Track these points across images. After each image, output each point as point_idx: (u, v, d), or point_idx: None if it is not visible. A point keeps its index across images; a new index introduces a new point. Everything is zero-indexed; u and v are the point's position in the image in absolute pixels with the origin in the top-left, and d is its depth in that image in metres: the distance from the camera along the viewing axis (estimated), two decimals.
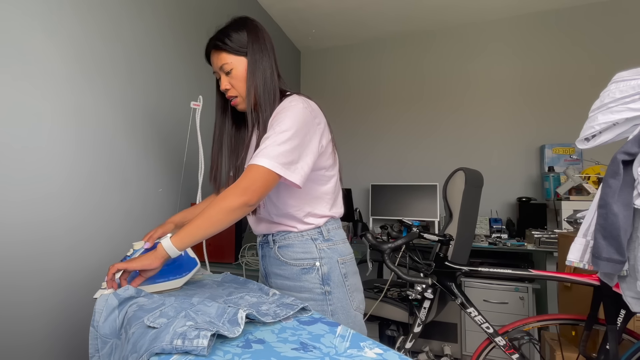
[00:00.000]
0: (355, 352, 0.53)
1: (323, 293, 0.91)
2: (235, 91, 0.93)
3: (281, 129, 0.81)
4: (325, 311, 0.91)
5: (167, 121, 1.66)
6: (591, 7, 2.55)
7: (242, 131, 1.03)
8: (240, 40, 0.91)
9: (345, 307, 0.93)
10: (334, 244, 0.95)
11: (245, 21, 0.94)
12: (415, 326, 1.41)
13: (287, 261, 0.94)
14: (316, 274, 0.92)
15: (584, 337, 1.23)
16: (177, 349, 0.53)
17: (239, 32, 0.91)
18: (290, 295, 0.88)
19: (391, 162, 3.01)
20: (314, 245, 0.93)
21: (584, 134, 0.92)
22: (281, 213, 0.94)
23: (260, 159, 0.78)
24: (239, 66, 0.91)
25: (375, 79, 3.14)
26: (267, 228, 0.98)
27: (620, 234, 0.79)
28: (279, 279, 0.97)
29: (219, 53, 0.91)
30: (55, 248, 1.15)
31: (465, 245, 1.70)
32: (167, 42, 1.67)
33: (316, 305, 0.91)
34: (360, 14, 2.74)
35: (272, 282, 0.99)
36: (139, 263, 0.77)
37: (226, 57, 0.91)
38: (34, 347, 1.08)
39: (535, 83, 2.66)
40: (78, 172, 1.22)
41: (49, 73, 1.13)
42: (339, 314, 0.92)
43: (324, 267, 0.92)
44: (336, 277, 0.93)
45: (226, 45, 0.90)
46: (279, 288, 0.96)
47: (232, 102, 0.95)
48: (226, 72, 0.92)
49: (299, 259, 0.93)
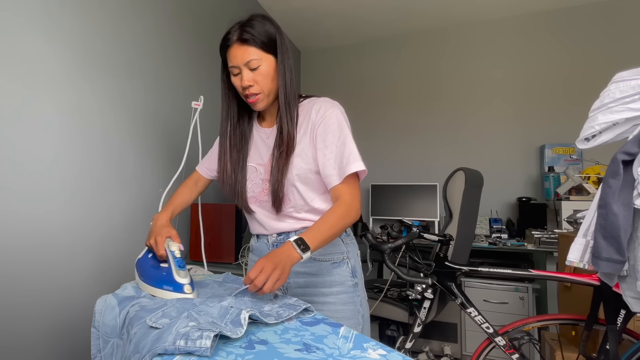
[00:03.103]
0: (359, 353, 0.54)
1: (354, 285, 0.96)
2: (258, 88, 0.89)
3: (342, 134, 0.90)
4: (356, 302, 0.95)
5: (168, 121, 1.66)
6: (591, 7, 2.56)
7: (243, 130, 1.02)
8: (270, 38, 0.89)
9: (365, 298, 1.00)
10: (353, 239, 1.02)
11: (270, 20, 0.91)
12: (415, 326, 1.42)
13: (315, 257, 0.94)
14: (346, 267, 0.96)
15: (584, 337, 1.24)
16: (179, 350, 0.53)
17: (268, 30, 0.89)
18: (318, 291, 0.94)
19: (391, 162, 3.01)
20: (340, 239, 0.97)
21: (584, 134, 0.92)
22: (308, 208, 0.95)
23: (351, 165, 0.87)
24: (266, 63, 0.89)
25: (375, 79, 3.14)
26: (290, 225, 0.97)
27: (620, 234, 0.80)
28: (302, 276, 0.96)
29: (247, 47, 0.87)
30: (56, 248, 1.15)
31: (465, 245, 1.70)
32: (166, 41, 1.67)
33: (348, 297, 0.94)
34: (360, 14, 2.74)
35: (292, 282, 0.97)
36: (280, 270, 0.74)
37: (256, 53, 0.87)
38: (35, 347, 1.08)
39: (536, 83, 2.67)
40: (79, 172, 1.22)
41: (48, 72, 1.13)
42: (364, 305, 0.98)
43: (351, 260, 0.97)
44: (359, 270, 1.00)
45: (256, 40, 0.87)
46: (300, 286, 0.96)
47: (251, 100, 0.91)
48: (252, 68, 0.88)
49: (327, 254, 0.95)
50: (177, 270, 0.81)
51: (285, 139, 0.91)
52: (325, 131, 0.90)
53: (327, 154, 0.90)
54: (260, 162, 0.98)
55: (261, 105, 0.93)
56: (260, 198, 0.97)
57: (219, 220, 1.68)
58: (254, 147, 1.01)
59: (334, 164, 0.89)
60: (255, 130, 1.02)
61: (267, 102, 0.93)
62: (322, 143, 0.90)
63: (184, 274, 0.81)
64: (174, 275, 0.80)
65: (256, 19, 0.89)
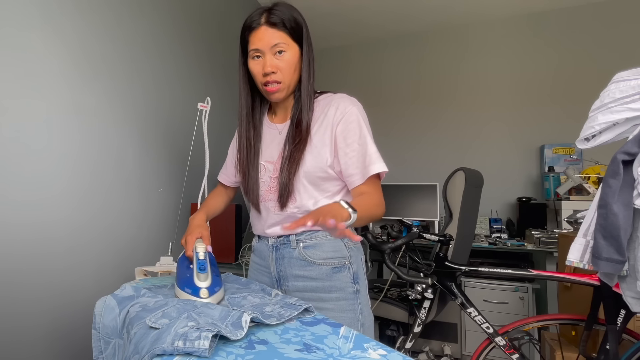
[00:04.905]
0: (359, 354, 0.53)
1: (354, 292, 0.91)
2: (280, 76, 0.86)
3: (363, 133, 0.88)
4: (356, 310, 0.91)
5: (171, 121, 1.66)
6: (591, 7, 2.56)
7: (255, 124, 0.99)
8: (299, 27, 0.87)
9: (368, 305, 0.96)
10: (356, 244, 0.96)
11: (295, 9, 0.88)
12: (415, 326, 1.42)
13: (315, 261, 0.90)
14: (347, 272, 0.91)
15: (584, 337, 1.24)
16: (178, 350, 0.53)
17: (297, 18, 0.87)
18: (316, 296, 0.90)
19: (391, 162, 2.96)
20: (342, 244, 0.92)
21: (584, 134, 0.92)
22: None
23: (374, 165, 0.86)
24: (292, 51, 0.86)
25: (375, 79, 3.14)
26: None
27: (620, 234, 0.79)
28: (302, 280, 0.92)
29: (275, 31, 0.84)
30: (57, 249, 1.15)
31: (465, 245, 1.70)
32: (166, 41, 1.67)
33: (347, 304, 0.90)
34: (360, 14, 2.74)
35: (290, 285, 0.94)
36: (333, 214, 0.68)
37: (283, 37, 0.84)
38: (36, 343, 1.08)
39: (536, 83, 2.67)
40: (80, 172, 1.22)
41: (50, 72, 1.13)
42: (365, 313, 0.93)
43: (353, 266, 0.92)
44: (362, 276, 0.95)
45: (285, 24, 0.84)
46: (299, 290, 0.92)
47: (271, 88, 0.87)
48: (278, 52, 0.84)
49: (328, 258, 0.91)
50: (197, 273, 0.79)
51: (303, 132, 0.89)
52: (346, 129, 0.88)
53: (349, 152, 0.87)
54: (269, 160, 0.95)
55: (279, 96, 0.89)
56: (266, 197, 0.94)
57: (219, 220, 1.67)
58: (264, 143, 0.97)
59: (357, 163, 0.87)
60: (266, 126, 0.99)
61: (285, 93, 0.90)
62: (343, 142, 0.88)
63: (203, 277, 0.78)
64: (194, 277, 0.78)
65: (284, 4, 0.86)
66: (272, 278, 0.97)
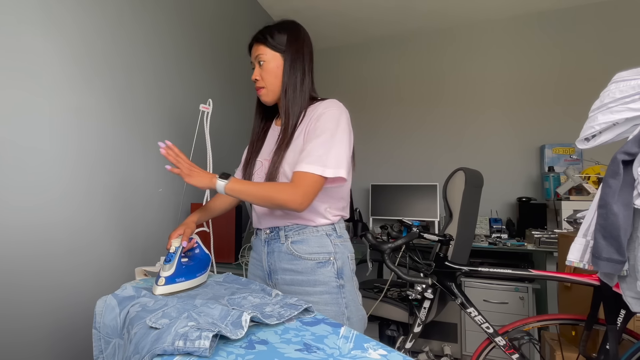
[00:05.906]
0: (360, 354, 0.53)
1: (338, 286, 0.95)
2: (262, 82, 1.01)
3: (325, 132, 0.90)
4: (340, 304, 0.95)
5: (173, 123, 1.66)
6: (591, 7, 2.56)
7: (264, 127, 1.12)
8: (280, 39, 0.99)
9: (355, 300, 0.99)
10: (345, 241, 1.02)
11: (290, 24, 1.02)
12: (415, 326, 1.42)
13: (302, 255, 0.96)
14: (332, 267, 0.96)
15: (584, 337, 1.23)
16: (178, 350, 0.53)
17: (281, 32, 1.00)
18: (302, 289, 0.94)
19: (391, 162, 3.01)
20: (328, 240, 0.98)
21: (584, 134, 0.92)
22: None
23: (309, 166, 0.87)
24: (271, 60, 0.99)
25: (375, 79, 3.14)
26: (281, 221, 0.99)
27: (620, 234, 0.79)
28: (289, 274, 0.97)
29: (259, 45, 1.00)
30: (57, 250, 1.15)
31: (465, 245, 1.70)
32: (168, 42, 1.67)
33: (331, 298, 0.94)
34: (360, 14, 2.74)
35: (279, 279, 0.99)
36: (196, 179, 0.88)
37: (263, 50, 0.99)
38: (37, 347, 1.08)
39: (536, 83, 2.67)
40: (80, 173, 1.22)
41: (49, 73, 1.13)
42: (351, 307, 0.96)
43: (338, 262, 0.97)
44: (347, 272, 0.98)
45: (266, 39, 0.99)
46: (287, 284, 0.97)
47: (258, 92, 1.03)
48: (259, 62, 1.00)
49: (314, 253, 0.96)
50: (162, 265, 0.86)
51: (287, 131, 0.97)
52: (316, 124, 0.93)
53: (308, 142, 0.91)
54: (266, 157, 1.03)
55: (265, 99, 1.03)
56: None
57: (219, 220, 1.67)
58: (266, 143, 1.08)
59: (303, 153, 0.90)
60: (272, 128, 1.11)
61: (272, 96, 1.02)
62: (312, 133, 0.93)
63: (167, 267, 0.85)
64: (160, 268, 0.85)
65: (279, 23, 1.02)
66: (264, 271, 1.04)
